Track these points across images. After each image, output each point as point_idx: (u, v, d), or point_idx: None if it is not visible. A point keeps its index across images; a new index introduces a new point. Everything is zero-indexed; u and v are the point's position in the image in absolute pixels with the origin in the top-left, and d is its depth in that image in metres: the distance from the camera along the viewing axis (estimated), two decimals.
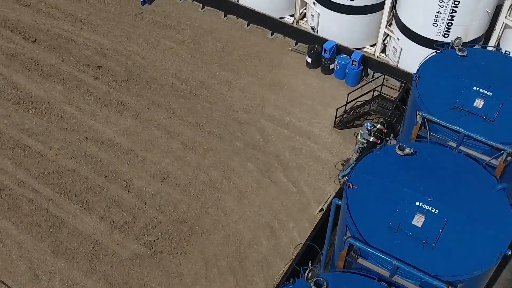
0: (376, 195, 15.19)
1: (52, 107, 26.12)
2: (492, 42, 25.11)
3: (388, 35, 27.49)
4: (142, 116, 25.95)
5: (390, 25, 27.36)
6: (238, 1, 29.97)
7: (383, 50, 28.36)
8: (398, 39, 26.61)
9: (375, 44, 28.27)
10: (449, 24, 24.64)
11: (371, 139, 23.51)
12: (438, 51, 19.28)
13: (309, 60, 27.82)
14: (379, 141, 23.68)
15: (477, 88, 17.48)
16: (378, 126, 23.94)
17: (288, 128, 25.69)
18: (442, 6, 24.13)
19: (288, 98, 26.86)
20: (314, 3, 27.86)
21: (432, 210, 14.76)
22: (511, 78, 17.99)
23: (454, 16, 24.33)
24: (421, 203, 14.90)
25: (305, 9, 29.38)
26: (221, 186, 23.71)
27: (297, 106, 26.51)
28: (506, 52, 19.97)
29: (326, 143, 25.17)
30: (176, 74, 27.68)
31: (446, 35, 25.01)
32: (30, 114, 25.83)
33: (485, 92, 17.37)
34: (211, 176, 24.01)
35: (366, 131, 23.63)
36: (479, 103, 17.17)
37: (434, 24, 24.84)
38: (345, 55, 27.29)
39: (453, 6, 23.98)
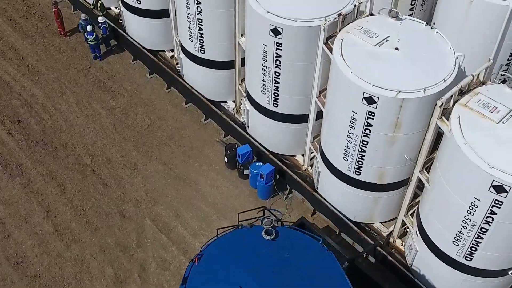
0: None
1: None
2: (408, 195, 20.91)
3: None
4: (32, 186, 24.64)
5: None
6: (182, 75, 27.66)
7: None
8: (318, 160, 23.15)
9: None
10: (359, 163, 20.91)
11: None
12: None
13: (226, 160, 25.06)
14: None
15: None
16: None
17: (169, 235, 23.24)
18: (350, 141, 20.49)
19: (187, 198, 24.34)
20: (245, 97, 25.00)
21: None
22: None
23: (364, 156, 20.60)
24: None
25: None
26: (68, 287, 21.88)
27: (191, 211, 23.95)
28: (326, 248, 16.16)
29: None
30: (87, 146, 26.05)
31: (357, 173, 21.30)
32: None
33: None
34: (64, 272, 22.22)
35: None
36: None
37: (345, 159, 21.22)
38: (260, 164, 24.28)
39: (362, 145, 20.27)
